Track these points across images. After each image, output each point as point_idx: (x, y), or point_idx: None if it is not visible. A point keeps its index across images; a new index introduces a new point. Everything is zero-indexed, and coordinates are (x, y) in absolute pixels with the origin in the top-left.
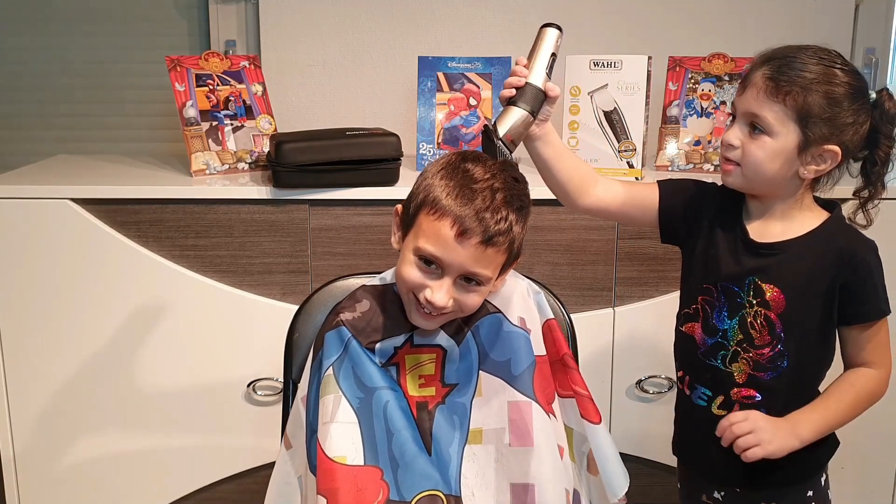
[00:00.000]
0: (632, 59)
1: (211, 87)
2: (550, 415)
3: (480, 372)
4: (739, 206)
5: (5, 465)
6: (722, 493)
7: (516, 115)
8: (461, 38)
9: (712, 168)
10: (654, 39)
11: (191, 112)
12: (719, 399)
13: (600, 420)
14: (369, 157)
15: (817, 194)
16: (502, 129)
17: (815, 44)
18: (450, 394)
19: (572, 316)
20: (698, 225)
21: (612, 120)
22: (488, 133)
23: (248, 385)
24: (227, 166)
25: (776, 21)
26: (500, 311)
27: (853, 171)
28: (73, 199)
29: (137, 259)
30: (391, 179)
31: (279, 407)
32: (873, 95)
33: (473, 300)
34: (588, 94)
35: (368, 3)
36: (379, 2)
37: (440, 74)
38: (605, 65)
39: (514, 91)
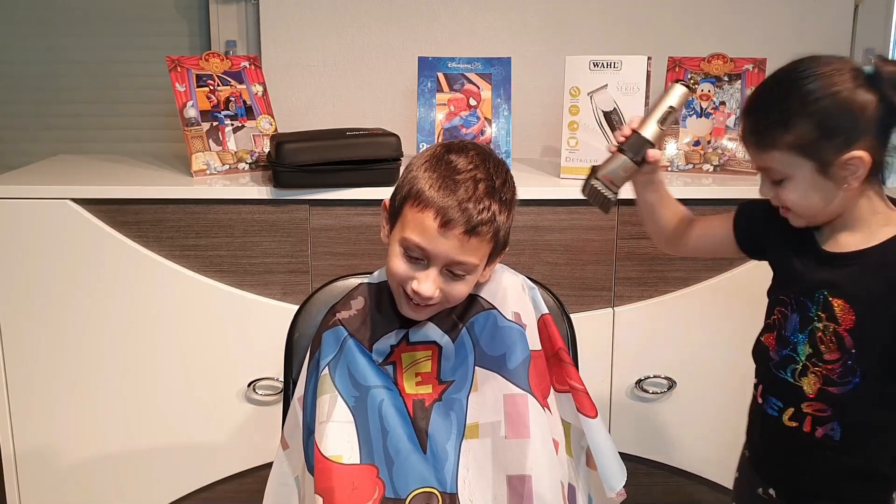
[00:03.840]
0: (631, 59)
1: (211, 87)
2: (545, 408)
3: (476, 367)
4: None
5: (6, 464)
6: (772, 492)
7: (617, 159)
8: (461, 38)
9: (712, 168)
10: (654, 39)
11: (191, 112)
12: (790, 411)
13: (596, 414)
14: (369, 157)
15: (889, 194)
16: (601, 171)
17: (783, 67)
18: (446, 390)
19: (572, 316)
20: (776, 237)
21: (612, 120)
22: (591, 173)
23: (248, 385)
24: (227, 166)
25: (776, 21)
26: (494, 307)
27: None
28: (73, 199)
29: (137, 259)
30: (391, 179)
31: (279, 407)
32: (869, 69)
33: (460, 290)
34: (588, 94)
35: (368, 4)
36: (379, 2)
37: (440, 75)
38: (605, 65)
39: (623, 138)
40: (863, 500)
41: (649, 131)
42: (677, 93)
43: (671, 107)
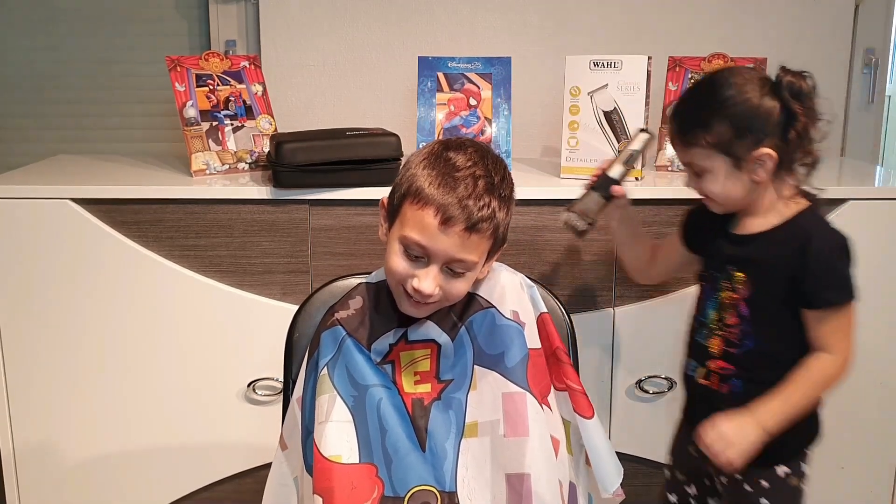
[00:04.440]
0: (632, 59)
1: (211, 87)
2: (545, 406)
3: (475, 366)
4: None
5: (5, 464)
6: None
7: (588, 196)
8: (461, 38)
9: None
10: (654, 39)
11: (191, 112)
12: (702, 370)
13: (593, 415)
14: (369, 157)
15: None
16: (575, 206)
17: (704, 77)
18: (445, 389)
19: (572, 316)
20: (705, 229)
21: (612, 120)
22: (568, 207)
23: (248, 385)
24: (227, 166)
25: (776, 21)
26: (493, 306)
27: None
28: (73, 199)
29: (137, 259)
30: (391, 180)
31: (279, 407)
32: (775, 81)
33: (460, 287)
34: (588, 94)
35: (368, 4)
36: (379, 2)
37: (440, 74)
38: (605, 65)
39: (594, 178)
40: (769, 464)
41: (615, 171)
42: (641, 138)
43: (635, 150)
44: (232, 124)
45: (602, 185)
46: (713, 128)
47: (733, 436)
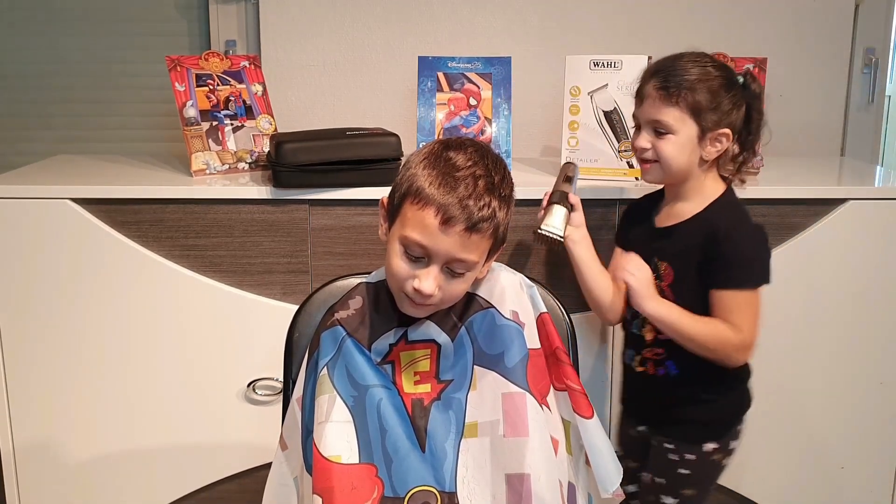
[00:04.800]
0: (632, 59)
1: (211, 87)
2: (544, 407)
3: (475, 366)
4: (658, 202)
5: (5, 464)
6: (642, 429)
7: (551, 209)
8: (461, 38)
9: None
10: (654, 39)
11: (191, 112)
12: (638, 358)
13: (592, 415)
14: (369, 157)
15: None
16: (543, 221)
17: (688, 50)
18: (445, 389)
19: (572, 316)
20: (631, 228)
21: (612, 120)
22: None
23: (248, 385)
24: (227, 166)
25: (776, 21)
26: (492, 306)
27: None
28: (73, 199)
29: (137, 259)
30: (391, 180)
31: (279, 407)
32: (741, 80)
33: (460, 287)
34: (588, 94)
35: (368, 3)
36: (379, 2)
37: (440, 74)
38: (605, 65)
39: (548, 196)
40: (695, 420)
41: (565, 187)
42: (568, 167)
43: (568, 177)
44: (232, 124)
45: (560, 197)
46: (697, 92)
47: (644, 286)
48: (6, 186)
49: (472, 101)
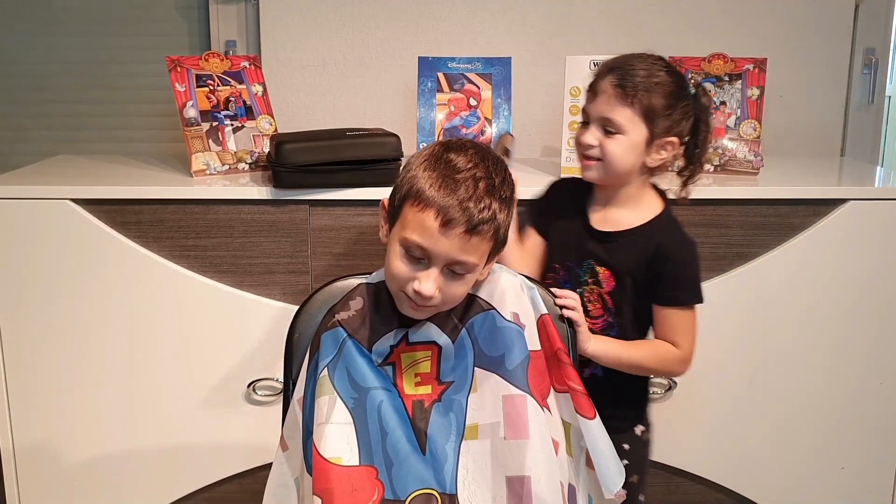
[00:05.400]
0: None
1: (211, 87)
2: (545, 409)
3: (475, 368)
4: (587, 197)
5: (5, 464)
6: None
7: None
8: (461, 38)
9: (712, 168)
10: (654, 39)
11: (191, 112)
12: None
13: (594, 415)
14: (369, 157)
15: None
16: None
17: (646, 51)
18: (446, 391)
19: None
20: (557, 217)
21: None
22: None
23: (248, 385)
24: (227, 166)
25: (776, 21)
26: (493, 308)
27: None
28: (73, 199)
29: (137, 259)
30: (391, 180)
31: (279, 407)
32: (693, 91)
33: (460, 290)
34: None
35: (368, 4)
36: (379, 2)
37: (440, 75)
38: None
39: None
40: (624, 410)
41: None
42: (508, 138)
43: (506, 149)
44: (232, 124)
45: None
46: (653, 96)
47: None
48: (6, 186)
49: (473, 102)
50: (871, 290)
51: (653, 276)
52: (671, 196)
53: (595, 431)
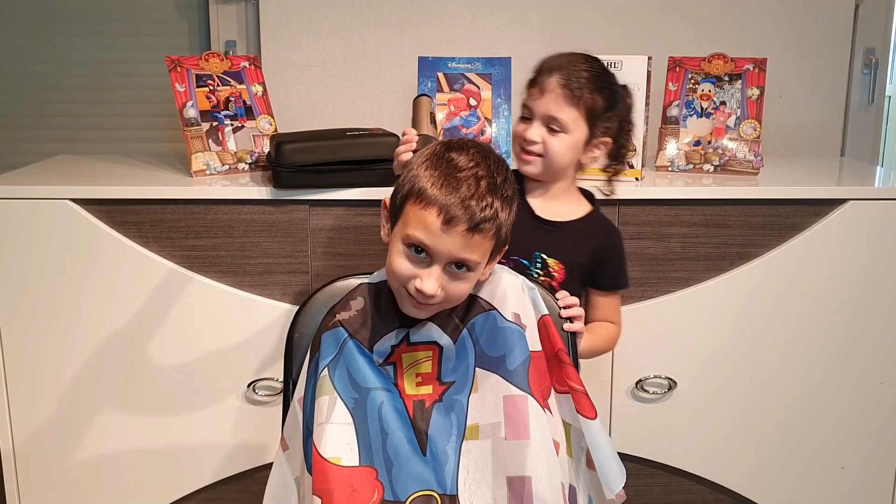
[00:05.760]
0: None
1: (211, 87)
2: (546, 409)
3: (476, 368)
4: (521, 188)
5: (5, 464)
6: None
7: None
8: (461, 38)
9: (712, 168)
10: (654, 39)
11: (191, 112)
12: None
13: (596, 415)
14: (369, 157)
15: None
16: None
17: (584, 52)
18: (447, 391)
19: None
20: None
21: None
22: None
23: (248, 385)
24: (227, 167)
25: (776, 21)
26: (494, 309)
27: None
28: (73, 199)
29: (137, 259)
30: (391, 180)
31: (279, 407)
32: (620, 91)
33: (462, 288)
34: None
35: (368, 3)
36: (379, 2)
37: (440, 75)
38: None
39: (412, 148)
40: None
41: (429, 130)
42: (426, 102)
43: (431, 112)
44: (232, 124)
45: (426, 141)
46: (597, 98)
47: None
48: (6, 186)
49: (473, 102)
50: (871, 290)
51: (597, 265)
52: (599, 196)
53: (596, 431)
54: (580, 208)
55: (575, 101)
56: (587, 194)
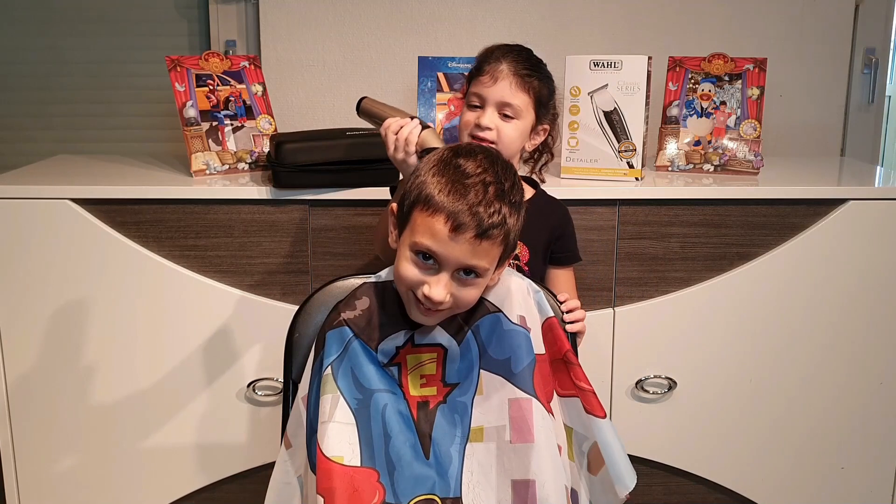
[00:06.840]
0: (632, 59)
1: (211, 87)
2: (549, 413)
3: (481, 371)
4: None
5: (5, 464)
6: None
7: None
8: (461, 38)
9: (712, 168)
10: (654, 39)
11: (191, 112)
12: None
13: (605, 414)
14: (369, 157)
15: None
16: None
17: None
18: (451, 393)
19: None
20: None
21: (613, 120)
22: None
23: (248, 385)
24: (227, 166)
25: (776, 21)
26: (499, 311)
27: None
28: (73, 199)
29: (137, 259)
30: (391, 180)
31: (279, 407)
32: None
33: (471, 294)
34: (588, 94)
35: (368, 3)
36: (379, 2)
37: (440, 74)
38: (605, 65)
39: (405, 122)
40: None
41: (398, 113)
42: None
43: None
44: (232, 124)
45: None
46: (544, 86)
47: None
48: (6, 186)
49: None
50: (871, 290)
51: (554, 241)
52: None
53: (607, 431)
54: (527, 191)
55: (526, 88)
56: (525, 178)
